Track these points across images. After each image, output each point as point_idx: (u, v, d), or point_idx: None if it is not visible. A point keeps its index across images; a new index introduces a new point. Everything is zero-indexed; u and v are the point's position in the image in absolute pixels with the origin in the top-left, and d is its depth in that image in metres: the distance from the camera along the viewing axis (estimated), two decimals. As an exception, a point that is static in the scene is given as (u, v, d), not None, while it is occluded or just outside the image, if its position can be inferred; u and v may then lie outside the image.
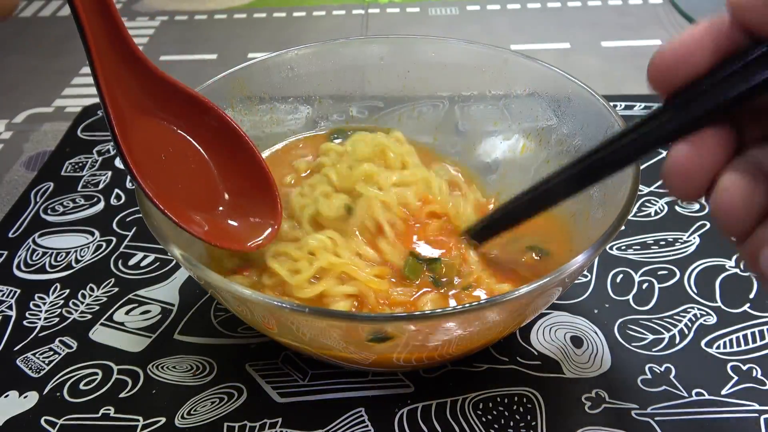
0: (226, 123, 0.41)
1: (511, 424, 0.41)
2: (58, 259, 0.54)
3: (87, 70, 0.84)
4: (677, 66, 0.26)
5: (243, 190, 0.42)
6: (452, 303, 0.41)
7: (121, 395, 0.43)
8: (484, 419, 0.41)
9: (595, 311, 0.48)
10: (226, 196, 0.41)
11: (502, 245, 0.44)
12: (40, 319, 0.49)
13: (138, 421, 0.42)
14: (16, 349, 0.47)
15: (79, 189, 0.62)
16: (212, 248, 0.43)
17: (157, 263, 0.53)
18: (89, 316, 0.49)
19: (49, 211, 0.59)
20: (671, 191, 0.27)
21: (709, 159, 0.26)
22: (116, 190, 0.62)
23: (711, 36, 0.25)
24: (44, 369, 0.45)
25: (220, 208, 0.41)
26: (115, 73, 0.35)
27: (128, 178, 0.63)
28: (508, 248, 0.45)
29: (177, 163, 0.39)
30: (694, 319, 0.47)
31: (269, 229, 0.41)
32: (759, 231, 0.25)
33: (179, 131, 0.40)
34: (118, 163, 0.65)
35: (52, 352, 0.47)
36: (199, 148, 0.40)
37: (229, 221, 0.41)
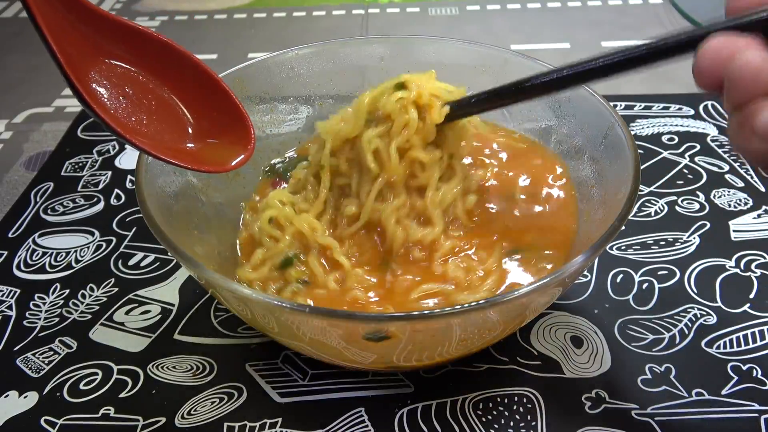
0: (178, 52, 0.41)
1: (511, 424, 0.41)
2: (58, 259, 0.54)
3: (87, 70, 0.84)
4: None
5: (209, 114, 0.42)
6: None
7: (121, 395, 0.43)
8: (484, 419, 0.41)
9: (595, 311, 0.48)
10: (196, 124, 0.41)
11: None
12: (40, 319, 0.49)
13: (138, 421, 0.42)
14: (16, 349, 0.47)
15: (79, 189, 0.62)
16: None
17: (157, 263, 0.53)
18: (89, 316, 0.49)
19: (49, 211, 0.59)
20: (697, 76, 0.31)
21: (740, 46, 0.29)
22: (116, 190, 0.62)
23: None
24: (44, 369, 0.45)
25: (192, 137, 0.41)
26: (60, 21, 0.35)
27: (128, 178, 0.63)
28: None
29: (139, 99, 0.39)
30: (694, 319, 0.47)
31: (244, 151, 0.42)
32: (758, 101, 0.28)
33: (133, 68, 0.40)
34: (119, 163, 0.65)
35: (52, 352, 0.47)
36: (157, 81, 0.40)
37: (203, 147, 0.41)
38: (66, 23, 0.35)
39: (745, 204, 0.57)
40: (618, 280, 0.50)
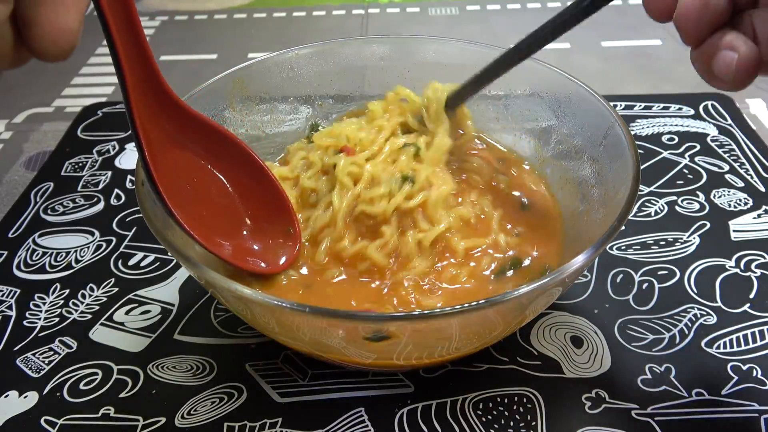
0: (247, 153, 0.43)
1: (511, 424, 0.41)
2: (58, 259, 0.54)
3: (87, 70, 0.85)
4: None
5: (264, 215, 0.44)
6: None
7: (121, 395, 0.43)
8: (484, 419, 0.41)
9: (595, 311, 0.48)
10: (249, 222, 0.44)
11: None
12: (40, 319, 0.49)
13: (138, 421, 0.42)
14: (16, 349, 0.47)
15: (79, 189, 0.62)
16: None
17: (157, 263, 0.53)
18: (89, 316, 0.49)
19: (49, 211, 0.59)
20: (646, 6, 0.34)
21: None
22: (116, 190, 0.62)
23: None
24: (44, 369, 0.45)
25: (244, 233, 0.43)
26: (148, 111, 0.37)
27: (128, 178, 0.63)
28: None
29: (202, 191, 0.42)
30: (694, 319, 0.47)
31: (289, 252, 0.44)
32: (711, 39, 0.31)
33: (203, 162, 0.42)
34: (118, 163, 0.65)
35: (52, 352, 0.47)
36: (222, 177, 0.43)
37: (252, 245, 0.43)
38: (153, 110, 0.38)
39: (745, 204, 0.57)
40: (618, 280, 0.50)
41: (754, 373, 0.43)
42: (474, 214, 0.46)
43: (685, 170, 0.61)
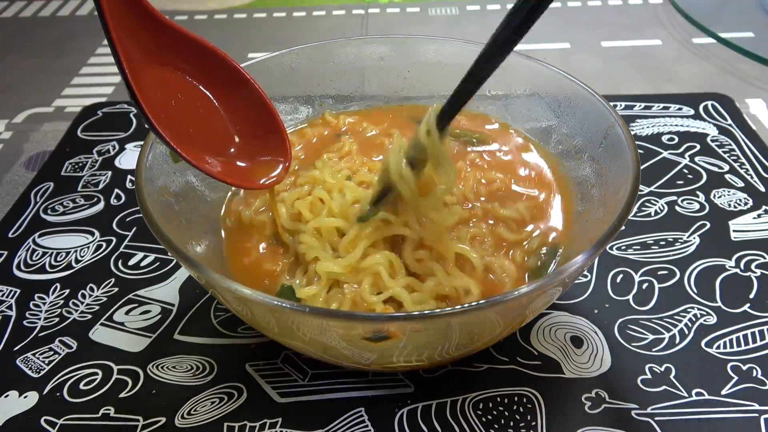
0: (234, 68, 0.42)
1: (511, 424, 0.41)
2: (58, 259, 0.54)
3: (87, 70, 0.84)
4: None
5: (253, 131, 0.43)
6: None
7: (121, 395, 0.43)
8: (484, 419, 0.41)
9: (595, 311, 0.48)
10: (237, 138, 0.43)
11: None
12: (40, 319, 0.49)
13: (138, 421, 0.42)
14: (16, 349, 0.47)
15: (79, 189, 0.62)
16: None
17: (157, 263, 0.53)
18: (89, 316, 0.49)
19: (49, 211, 0.59)
20: None
21: None
22: (116, 190, 0.62)
23: None
24: (44, 369, 0.45)
25: (232, 150, 0.42)
26: (125, 23, 0.36)
27: (128, 178, 0.63)
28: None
29: (188, 107, 0.41)
30: (694, 319, 0.47)
31: (280, 167, 0.43)
32: None
33: (189, 78, 0.41)
34: (118, 163, 0.65)
35: (52, 352, 0.47)
36: (208, 92, 0.42)
37: (242, 161, 0.42)
38: (130, 24, 0.36)
39: (745, 204, 0.57)
40: (618, 280, 0.50)
41: (754, 373, 0.43)
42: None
43: (685, 170, 0.61)
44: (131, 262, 0.54)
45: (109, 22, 0.34)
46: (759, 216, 0.55)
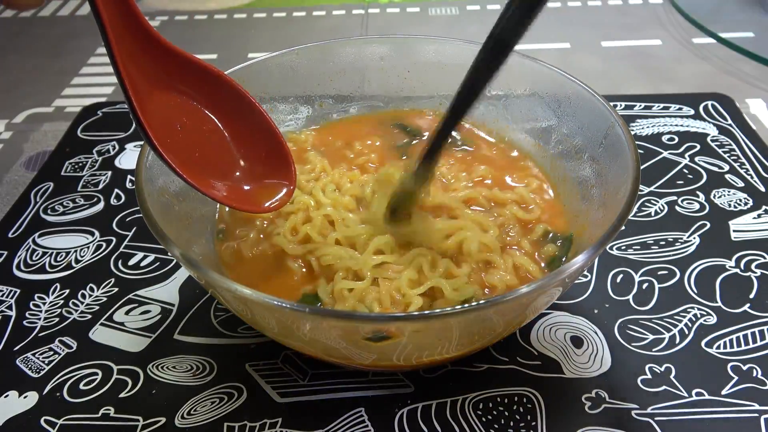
0: (238, 91, 0.42)
1: (511, 424, 0.41)
2: (58, 259, 0.54)
3: (87, 70, 0.84)
4: None
5: (258, 155, 0.43)
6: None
7: (121, 395, 0.43)
8: (484, 419, 0.41)
9: (595, 311, 0.48)
10: (242, 161, 0.43)
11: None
12: (40, 319, 0.49)
13: (138, 421, 0.42)
14: (16, 349, 0.47)
15: (79, 189, 0.62)
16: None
17: (157, 263, 0.53)
18: (89, 316, 0.49)
19: (49, 211, 0.59)
20: None
21: None
22: (116, 190, 0.62)
23: None
24: (44, 369, 0.45)
25: (237, 173, 0.42)
26: (130, 51, 0.36)
27: (128, 178, 0.63)
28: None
29: (193, 132, 0.41)
30: (694, 319, 0.47)
31: (284, 190, 0.43)
32: None
33: (193, 102, 0.41)
34: (119, 163, 0.65)
35: (52, 352, 0.47)
36: (213, 117, 0.42)
37: (247, 185, 0.42)
38: (135, 51, 0.37)
39: (745, 204, 0.57)
40: (618, 280, 0.50)
41: (754, 373, 0.43)
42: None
43: (685, 170, 0.61)
44: (131, 262, 0.54)
45: (115, 50, 0.35)
46: (759, 216, 0.55)
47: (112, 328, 0.48)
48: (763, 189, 0.58)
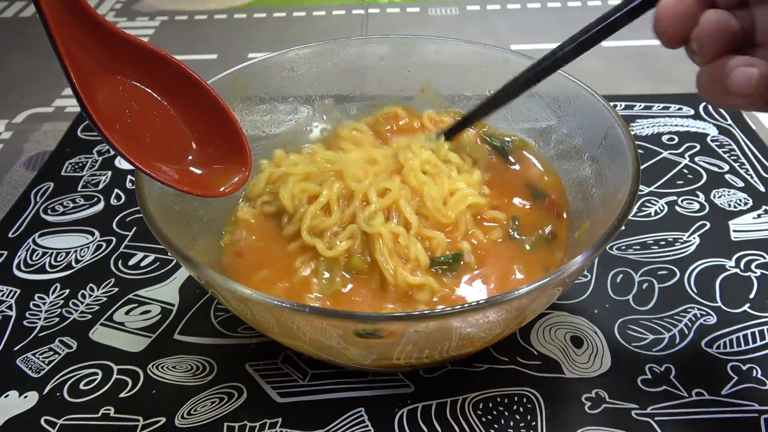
0: (187, 74, 0.41)
1: (511, 424, 0.41)
2: (58, 259, 0.54)
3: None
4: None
5: (211, 138, 0.42)
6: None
7: (121, 395, 0.43)
8: (484, 419, 0.41)
9: (595, 311, 0.48)
10: (195, 145, 0.42)
11: None
12: (40, 319, 0.49)
13: (138, 421, 0.42)
14: (16, 349, 0.47)
15: (79, 189, 0.62)
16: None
17: (157, 263, 0.53)
18: (89, 316, 0.49)
19: (49, 211, 0.59)
20: (659, 35, 0.35)
21: (690, 5, 0.33)
22: (116, 190, 0.62)
23: None
24: (44, 369, 0.45)
25: (190, 157, 0.42)
26: (74, 36, 0.36)
27: (128, 178, 0.63)
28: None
29: (143, 116, 0.40)
30: (694, 319, 0.47)
31: (240, 175, 0.42)
32: (724, 59, 0.32)
33: (142, 86, 0.40)
34: (119, 163, 0.65)
35: (52, 352, 0.47)
36: (163, 100, 0.41)
37: (201, 169, 0.42)
38: (79, 36, 0.36)
39: (745, 204, 0.57)
40: (618, 280, 0.50)
41: (754, 373, 0.43)
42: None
43: (685, 170, 0.61)
44: (131, 262, 0.54)
45: (55, 34, 0.34)
46: (759, 216, 0.56)
47: (112, 328, 0.48)
48: (763, 189, 0.58)
